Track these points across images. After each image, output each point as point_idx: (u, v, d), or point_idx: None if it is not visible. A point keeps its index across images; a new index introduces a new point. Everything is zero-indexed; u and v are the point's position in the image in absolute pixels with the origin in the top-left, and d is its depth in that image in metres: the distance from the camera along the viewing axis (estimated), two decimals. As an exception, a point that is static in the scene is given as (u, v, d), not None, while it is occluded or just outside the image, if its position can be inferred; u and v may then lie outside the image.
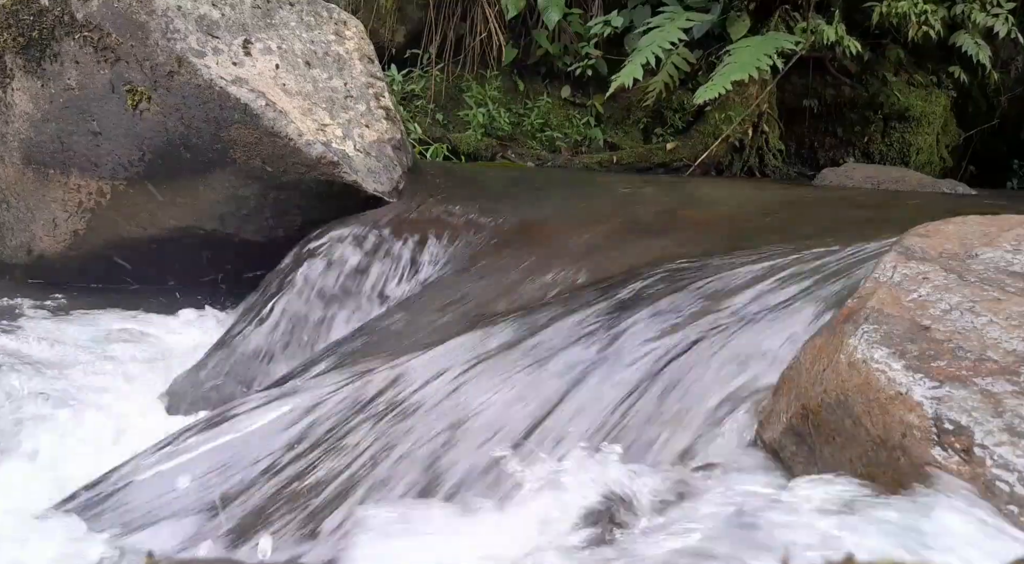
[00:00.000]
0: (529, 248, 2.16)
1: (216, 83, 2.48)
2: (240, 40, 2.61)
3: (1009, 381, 0.96)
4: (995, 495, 0.87)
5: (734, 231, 2.11)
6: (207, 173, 2.54)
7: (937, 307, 1.07)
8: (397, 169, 2.70)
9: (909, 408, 0.96)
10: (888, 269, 1.16)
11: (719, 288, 1.55)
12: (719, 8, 4.19)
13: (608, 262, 1.91)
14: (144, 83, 2.51)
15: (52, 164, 2.64)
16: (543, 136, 4.46)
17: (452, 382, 1.47)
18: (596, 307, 1.60)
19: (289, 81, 2.62)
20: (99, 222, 2.64)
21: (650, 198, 2.80)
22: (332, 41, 2.83)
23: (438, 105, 4.63)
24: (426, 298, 2.14)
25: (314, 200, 2.55)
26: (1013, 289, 1.09)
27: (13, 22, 2.63)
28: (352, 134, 2.64)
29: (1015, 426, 0.91)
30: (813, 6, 4.07)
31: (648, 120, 4.43)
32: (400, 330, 1.96)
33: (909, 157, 4.49)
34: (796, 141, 4.55)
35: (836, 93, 4.47)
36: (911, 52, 4.40)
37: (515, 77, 4.64)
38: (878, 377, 1.01)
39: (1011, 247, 1.16)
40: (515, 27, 4.61)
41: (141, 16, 2.51)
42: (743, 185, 3.76)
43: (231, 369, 2.15)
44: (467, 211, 2.45)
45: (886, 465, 0.97)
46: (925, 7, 3.87)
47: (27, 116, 2.64)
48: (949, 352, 1.01)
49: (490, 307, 1.88)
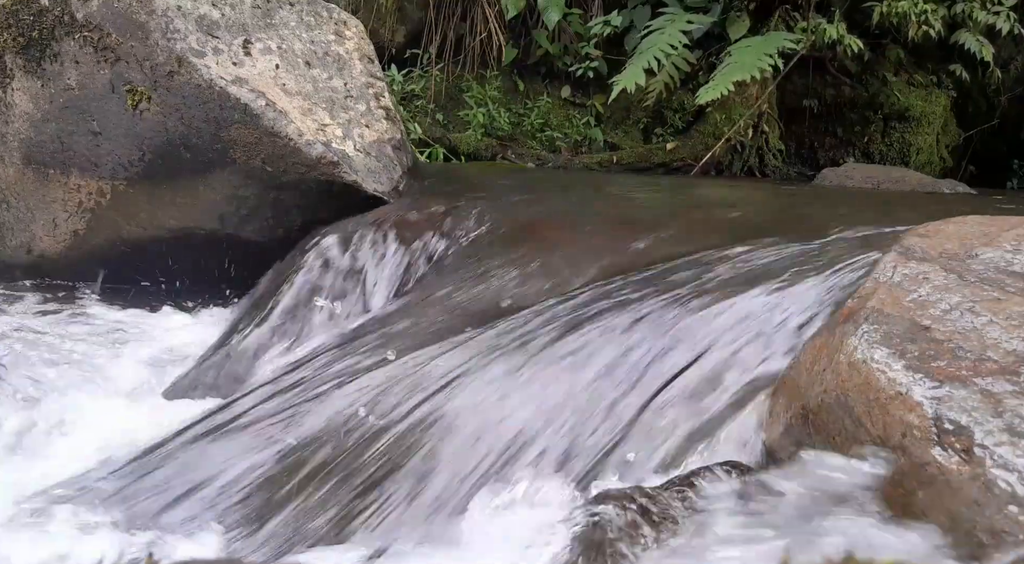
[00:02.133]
0: (530, 247, 2.16)
1: (216, 83, 2.48)
2: (240, 40, 2.61)
3: (1009, 381, 0.96)
4: (995, 495, 0.87)
5: (735, 231, 2.11)
6: (207, 173, 2.54)
7: (937, 307, 1.07)
8: (397, 169, 2.70)
9: (909, 408, 0.96)
10: (888, 269, 1.16)
11: (718, 289, 1.54)
12: (719, 8, 4.18)
13: (609, 262, 1.91)
14: (144, 83, 2.51)
15: (52, 164, 2.64)
16: (543, 136, 4.46)
17: (458, 381, 1.47)
18: (596, 308, 1.60)
19: (289, 81, 2.62)
20: (99, 222, 2.64)
21: (650, 198, 2.80)
22: (332, 41, 2.83)
23: (438, 105, 4.63)
24: (426, 298, 2.13)
25: (314, 200, 2.55)
26: (1013, 289, 1.08)
27: (13, 22, 2.63)
28: (352, 134, 2.64)
29: (1015, 426, 0.91)
30: (813, 6, 4.07)
31: (648, 120, 4.43)
32: (401, 330, 1.96)
33: (909, 157, 4.49)
34: (796, 141, 4.55)
35: (836, 93, 4.47)
36: (911, 52, 4.40)
37: (515, 77, 4.64)
38: (878, 377, 1.01)
39: (1011, 247, 1.16)
40: (515, 27, 4.61)
41: (141, 16, 2.51)
42: (743, 185, 3.75)
43: (231, 368, 2.15)
44: (467, 211, 2.45)
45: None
46: (925, 7, 3.87)
47: (27, 116, 2.64)
48: (949, 352, 1.01)
49: (491, 307, 1.88)
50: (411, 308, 2.10)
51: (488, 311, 1.83)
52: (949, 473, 0.91)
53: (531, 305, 1.75)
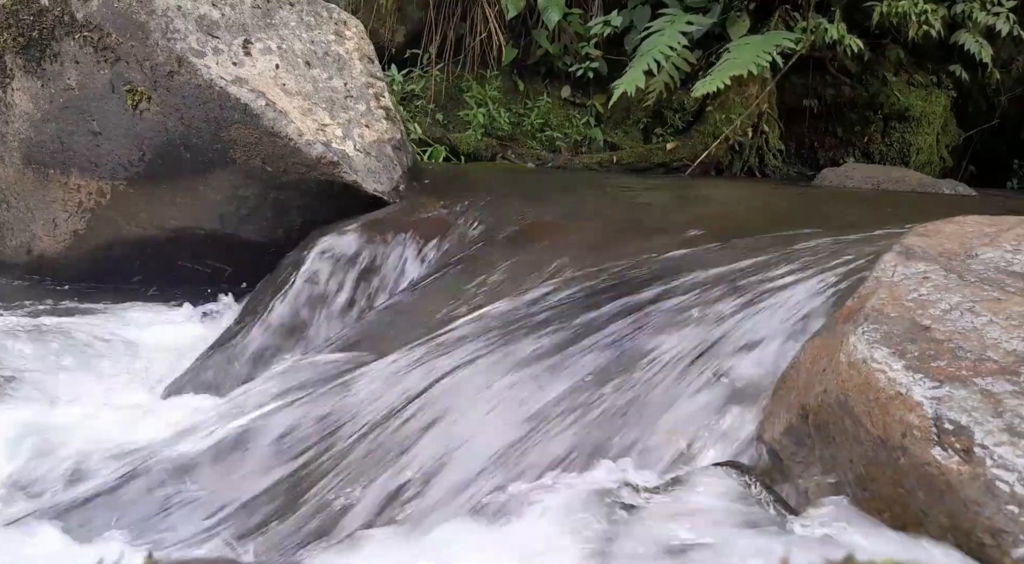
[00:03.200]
0: (530, 247, 2.16)
1: (216, 83, 2.48)
2: (240, 40, 2.61)
3: (1009, 381, 0.96)
4: (995, 495, 0.87)
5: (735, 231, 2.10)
6: (207, 173, 2.54)
7: (937, 307, 1.07)
8: (397, 169, 2.70)
9: (909, 408, 0.96)
10: (888, 269, 1.16)
11: (718, 288, 1.54)
12: (719, 8, 4.18)
13: (610, 262, 1.91)
14: (144, 83, 2.51)
15: (52, 164, 2.64)
16: (543, 136, 4.46)
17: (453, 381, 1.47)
18: (599, 306, 1.60)
19: (289, 81, 2.62)
20: (99, 222, 2.64)
21: (650, 198, 2.80)
22: (332, 41, 2.83)
23: (438, 105, 4.63)
24: (427, 297, 2.14)
25: (314, 200, 2.55)
26: (1013, 289, 1.08)
27: (13, 22, 2.63)
28: (352, 134, 2.64)
29: (1015, 426, 0.91)
30: (813, 6, 4.07)
31: (648, 120, 4.43)
32: (402, 331, 1.96)
33: (909, 157, 4.49)
34: (796, 141, 4.55)
35: (836, 93, 4.47)
36: (911, 52, 4.40)
37: (515, 77, 4.64)
38: (878, 377, 1.01)
39: (1011, 247, 1.16)
40: (515, 27, 4.61)
41: (141, 16, 2.51)
42: (743, 185, 3.75)
43: (231, 368, 2.15)
44: (467, 211, 2.45)
45: (886, 465, 0.97)
46: (925, 7, 3.88)
47: (27, 116, 2.64)
48: (949, 352, 1.01)
49: (492, 306, 1.88)
50: (413, 307, 2.10)
51: (491, 310, 1.83)
52: (949, 473, 0.91)
53: (533, 303, 1.75)
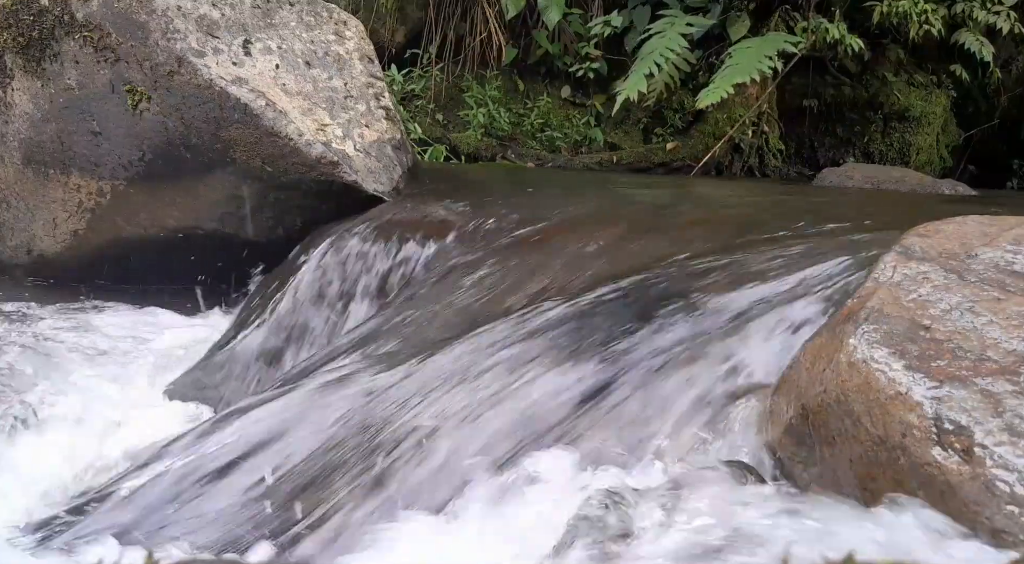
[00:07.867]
0: (530, 247, 2.15)
1: (216, 83, 2.48)
2: (240, 40, 2.61)
3: (1009, 381, 0.96)
4: (995, 495, 0.87)
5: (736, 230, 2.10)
6: (207, 173, 2.54)
7: (937, 307, 1.07)
8: (397, 169, 2.70)
9: (909, 408, 0.96)
10: (888, 269, 1.16)
11: (718, 288, 1.54)
12: (719, 9, 4.18)
13: (610, 261, 1.91)
14: (144, 83, 2.51)
15: (52, 164, 2.64)
16: (543, 136, 4.46)
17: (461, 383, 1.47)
18: (597, 307, 1.60)
19: (289, 81, 2.62)
20: (99, 222, 2.64)
21: (650, 198, 2.80)
22: (332, 41, 2.82)
23: (438, 105, 4.63)
24: (427, 297, 2.13)
25: (314, 200, 2.55)
26: (1013, 289, 1.08)
27: (13, 22, 2.63)
28: (352, 134, 2.64)
29: (1015, 426, 0.91)
30: (813, 6, 4.07)
31: (648, 120, 4.43)
32: (401, 330, 1.95)
33: (909, 157, 4.49)
34: (796, 141, 4.55)
35: (836, 93, 4.47)
36: (911, 52, 4.40)
37: (515, 77, 4.64)
38: (878, 377, 1.01)
39: (1011, 247, 1.16)
40: (515, 27, 4.61)
41: (141, 16, 2.51)
42: (743, 185, 3.75)
43: (231, 368, 2.15)
44: (467, 211, 2.45)
45: (886, 465, 0.97)
46: (926, 6, 3.88)
47: (27, 116, 2.64)
48: (949, 352, 1.01)
49: (493, 306, 1.88)
50: (413, 307, 2.10)
51: (492, 310, 1.83)
52: (949, 473, 0.91)
53: (534, 303, 1.75)
